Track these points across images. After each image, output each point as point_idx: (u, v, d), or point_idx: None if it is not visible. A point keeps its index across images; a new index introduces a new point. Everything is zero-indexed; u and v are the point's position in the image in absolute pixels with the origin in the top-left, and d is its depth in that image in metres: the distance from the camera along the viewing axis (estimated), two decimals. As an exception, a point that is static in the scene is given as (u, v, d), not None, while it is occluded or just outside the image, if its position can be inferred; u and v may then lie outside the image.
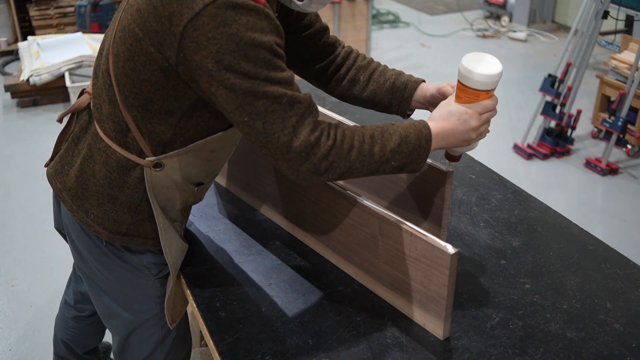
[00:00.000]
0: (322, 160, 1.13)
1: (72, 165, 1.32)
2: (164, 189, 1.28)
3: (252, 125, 1.10)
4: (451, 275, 1.17)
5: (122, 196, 1.28)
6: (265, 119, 1.09)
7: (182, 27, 1.05)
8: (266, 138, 1.11)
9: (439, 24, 6.52)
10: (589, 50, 3.68)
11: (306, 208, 1.46)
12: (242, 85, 1.07)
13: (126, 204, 1.29)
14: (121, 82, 1.18)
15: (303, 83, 1.69)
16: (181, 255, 1.41)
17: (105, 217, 1.30)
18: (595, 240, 1.55)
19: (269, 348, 1.22)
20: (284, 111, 1.10)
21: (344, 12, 4.52)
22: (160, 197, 1.29)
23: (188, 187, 1.32)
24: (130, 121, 1.20)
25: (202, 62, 1.06)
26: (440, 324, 1.23)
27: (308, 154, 1.12)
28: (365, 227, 1.31)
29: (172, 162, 1.25)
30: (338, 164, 1.15)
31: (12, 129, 4.13)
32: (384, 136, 1.18)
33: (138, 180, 1.26)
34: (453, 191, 1.74)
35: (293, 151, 1.11)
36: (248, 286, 1.38)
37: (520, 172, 3.72)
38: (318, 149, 1.12)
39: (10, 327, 2.48)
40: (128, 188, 1.27)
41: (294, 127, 1.10)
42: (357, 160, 1.16)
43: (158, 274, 1.40)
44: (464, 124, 1.23)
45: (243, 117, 1.10)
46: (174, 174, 1.27)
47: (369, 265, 1.35)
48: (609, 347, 1.22)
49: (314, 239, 1.48)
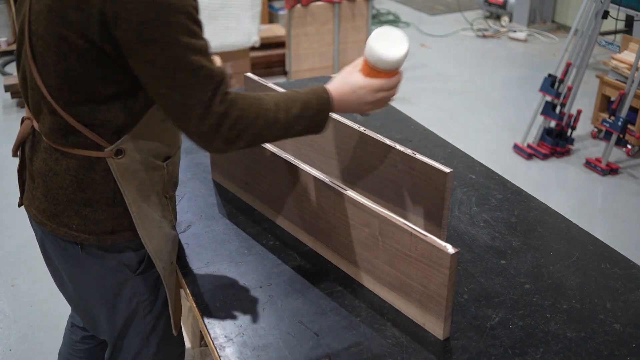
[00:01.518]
0: (231, 130, 1.17)
1: (37, 187, 1.31)
2: (133, 174, 1.27)
3: (170, 97, 1.13)
4: (451, 275, 1.17)
5: (95, 195, 1.27)
6: (184, 91, 1.12)
7: (100, 5, 1.06)
8: (183, 111, 1.14)
9: (439, 24, 6.51)
10: (589, 50, 3.68)
11: (306, 208, 1.46)
12: (163, 55, 1.09)
13: (102, 201, 1.27)
14: (56, 88, 1.18)
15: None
16: (168, 246, 1.37)
17: (86, 222, 1.28)
18: (595, 240, 1.55)
19: (269, 348, 1.22)
20: (202, 84, 1.13)
21: (344, 12, 4.52)
22: (133, 183, 1.28)
23: (156, 164, 1.31)
24: (75, 122, 1.20)
25: (124, 36, 1.08)
26: (440, 324, 1.23)
27: (219, 125, 1.16)
28: (365, 227, 1.31)
29: (131, 145, 1.25)
30: (246, 132, 1.19)
31: (12, 129, 4.13)
32: (287, 103, 1.23)
33: (105, 173, 1.25)
34: (453, 191, 1.73)
35: (207, 124, 1.15)
36: (248, 286, 1.38)
37: (520, 172, 3.72)
38: (227, 119, 1.16)
39: (10, 327, 2.48)
40: (98, 184, 1.26)
41: (209, 100, 1.14)
42: (264, 127, 1.21)
43: (137, 270, 1.38)
44: (358, 98, 1.30)
45: (162, 89, 1.13)
46: (136, 155, 1.26)
47: (369, 265, 1.35)
48: (608, 347, 1.22)
49: (314, 239, 1.48)
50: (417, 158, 1.41)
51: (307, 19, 4.43)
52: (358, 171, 1.59)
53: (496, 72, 5.28)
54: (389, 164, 1.49)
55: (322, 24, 4.50)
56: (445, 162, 1.87)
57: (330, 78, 1.33)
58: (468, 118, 4.40)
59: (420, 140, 2.04)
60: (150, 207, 1.32)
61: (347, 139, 1.58)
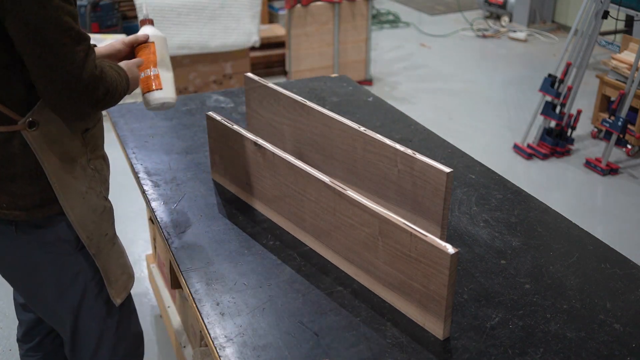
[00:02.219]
0: (105, 95, 1.25)
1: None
2: (50, 145, 1.28)
3: (43, 58, 1.14)
4: (451, 275, 1.17)
5: (18, 169, 1.27)
6: (57, 51, 1.14)
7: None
8: (56, 71, 1.16)
9: (439, 24, 6.51)
10: (589, 50, 3.68)
11: (306, 208, 1.46)
12: (37, 14, 1.11)
13: (26, 175, 1.28)
14: None
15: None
16: (95, 216, 1.37)
17: (15, 198, 1.28)
18: (595, 241, 1.55)
19: (269, 348, 1.22)
20: (73, 45, 1.16)
21: (344, 12, 4.52)
22: (52, 155, 1.28)
23: (75, 136, 1.33)
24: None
25: None
26: (440, 324, 1.22)
27: (95, 88, 1.21)
28: (365, 227, 1.31)
29: (43, 116, 1.26)
30: (111, 98, 1.28)
31: (12, 129, 4.12)
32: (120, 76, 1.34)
33: (23, 147, 1.26)
34: (453, 191, 1.73)
35: (81, 83, 1.18)
36: (248, 286, 1.38)
37: (520, 172, 3.72)
38: (103, 84, 1.23)
39: (10, 327, 2.47)
40: (18, 158, 1.26)
41: (82, 61, 1.18)
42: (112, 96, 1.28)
43: (78, 246, 1.37)
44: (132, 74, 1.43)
45: (35, 50, 1.14)
46: (51, 126, 1.27)
47: (369, 265, 1.35)
48: (608, 347, 1.22)
49: (314, 239, 1.48)
50: (417, 158, 1.41)
51: (307, 19, 4.43)
52: (358, 171, 1.59)
53: (496, 72, 5.28)
54: (389, 164, 1.49)
55: (322, 24, 4.50)
56: (445, 162, 1.87)
57: (330, 78, 1.33)
58: (468, 118, 4.40)
59: (420, 140, 2.04)
60: (74, 179, 1.33)
61: (347, 139, 1.58)
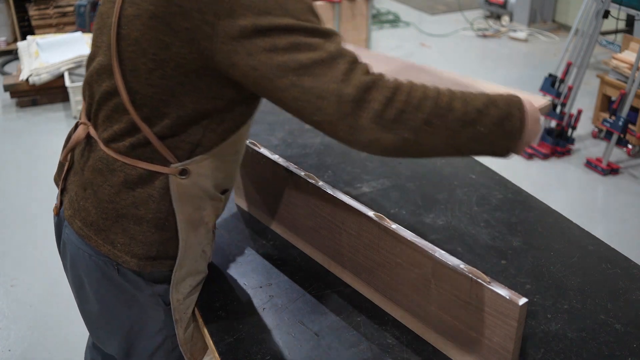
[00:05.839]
0: (386, 106, 0.95)
1: (88, 198, 1.20)
2: (191, 198, 1.17)
3: (299, 85, 0.97)
4: (519, 328, 1.04)
5: (148, 214, 1.16)
6: (314, 71, 0.97)
7: (215, 9, 0.99)
8: (316, 95, 0.97)
9: (439, 24, 6.51)
10: (589, 49, 3.68)
11: (344, 242, 1.32)
12: (285, 41, 0.98)
13: (153, 221, 1.17)
14: (143, 96, 1.10)
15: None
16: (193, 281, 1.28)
17: (132, 243, 1.18)
18: (596, 241, 1.55)
19: (269, 348, 1.21)
20: (332, 59, 0.98)
21: (344, 12, 4.52)
22: (188, 208, 1.18)
23: (215, 195, 1.22)
24: (151, 133, 1.11)
25: (240, 36, 0.99)
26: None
27: (365, 100, 0.96)
28: (415, 268, 1.17)
29: (199, 168, 1.16)
30: (408, 114, 0.95)
31: (12, 129, 4.13)
32: (464, 94, 0.98)
33: (163, 191, 1.15)
34: (453, 191, 1.73)
35: (346, 99, 0.96)
36: (248, 286, 1.38)
37: (521, 172, 3.71)
38: (377, 92, 0.96)
39: (10, 327, 2.47)
40: (153, 202, 1.16)
41: (344, 74, 0.97)
42: (434, 114, 0.95)
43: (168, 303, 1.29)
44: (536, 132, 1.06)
45: (289, 77, 0.97)
46: (201, 181, 1.17)
47: (418, 309, 1.21)
48: (609, 348, 1.22)
49: (352, 275, 1.35)
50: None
51: (307, 19, 4.43)
52: None
53: (496, 72, 5.28)
54: None
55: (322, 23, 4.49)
56: (445, 161, 1.86)
57: None
58: (468, 118, 4.39)
59: (421, 140, 2.03)
60: (197, 240, 1.23)
61: None
